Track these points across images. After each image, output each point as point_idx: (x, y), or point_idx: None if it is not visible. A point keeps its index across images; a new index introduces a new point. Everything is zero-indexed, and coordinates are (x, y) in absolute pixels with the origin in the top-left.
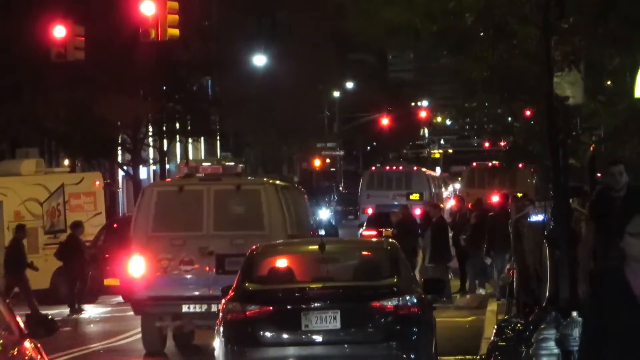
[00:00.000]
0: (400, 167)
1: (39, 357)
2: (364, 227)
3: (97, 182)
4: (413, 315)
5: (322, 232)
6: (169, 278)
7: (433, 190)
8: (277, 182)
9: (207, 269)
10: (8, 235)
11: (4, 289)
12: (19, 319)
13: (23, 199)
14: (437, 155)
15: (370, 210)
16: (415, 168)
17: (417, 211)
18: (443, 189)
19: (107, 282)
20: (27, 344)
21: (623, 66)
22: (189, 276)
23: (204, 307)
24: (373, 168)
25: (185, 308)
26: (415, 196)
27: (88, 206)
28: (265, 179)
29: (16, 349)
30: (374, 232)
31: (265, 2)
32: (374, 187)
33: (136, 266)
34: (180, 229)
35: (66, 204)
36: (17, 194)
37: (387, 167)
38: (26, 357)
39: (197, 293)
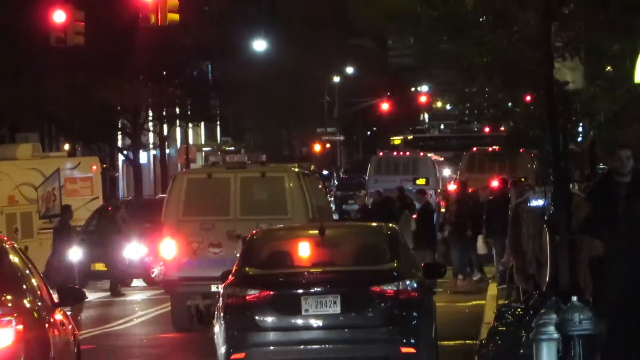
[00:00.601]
0: (407, 153)
1: (68, 323)
2: None
3: (94, 167)
4: (413, 300)
5: (336, 217)
6: (198, 259)
7: (438, 175)
8: (298, 169)
9: (235, 251)
10: (2, 220)
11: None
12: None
13: (17, 183)
14: (397, 142)
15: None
16: (421, 154)
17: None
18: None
19: (95, 267)
20: (59, 312)
21: (623, 52)
22: (217, 258)
23: None
24: (380, 153)
25: (214, 287)
26: (421, 181)
27: (84, 191)
28: (288, 167)
29: (50, 316)
30: None
31: None
32: (381, 172)
33: (168, 249)
34: (209, 213)
35: (62, 189)
36: (11, 179)
37: (394, 153)
38: (58, 323)
39: None
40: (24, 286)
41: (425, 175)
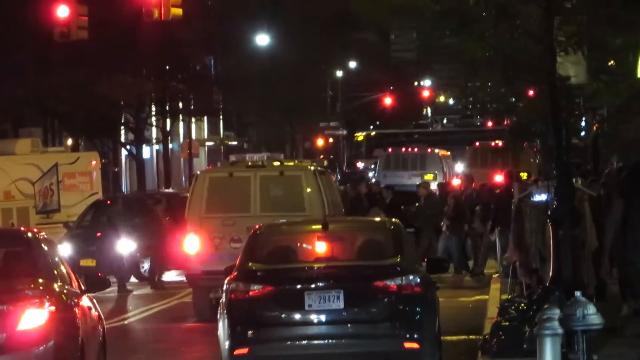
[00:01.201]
0: (416, 149)
1: (93, 308)
2: None
3: (94, 162)
4: (416, 295)
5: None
6: (220, 254)
7: (445, 170)
8: (313, 167)
9: None
10: None
11: None
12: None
13: (14, 178)
14: (360, 138)
15: None
16: (429, 150)
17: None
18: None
19: (83, 262)
20: (85, 297)
21: (626, 46)
22: (238, 253)
23: None
24: (390, 149)
25: None
26: (429, 176)
27: (83, 186)
28: (305, 165)
29: (78, 301)
30: None
31: None
32: (390, 168)
33: (191, 244)
34: (230, 210)
35: (60, 184)
36: (7, 174)
37: (403, 149)
38: (85, 308)
39: None
40: (55, 272)
41: (433, 171)
